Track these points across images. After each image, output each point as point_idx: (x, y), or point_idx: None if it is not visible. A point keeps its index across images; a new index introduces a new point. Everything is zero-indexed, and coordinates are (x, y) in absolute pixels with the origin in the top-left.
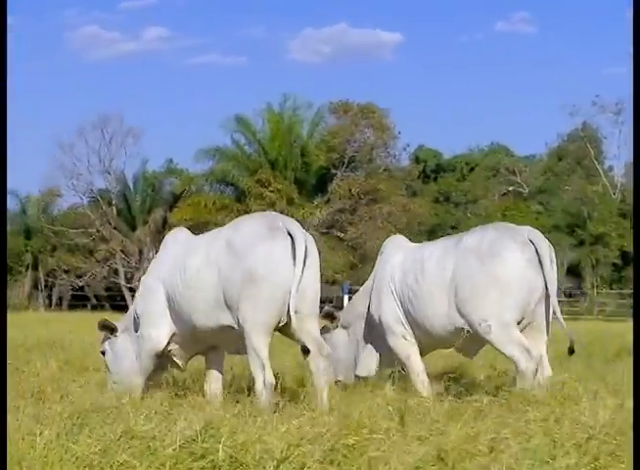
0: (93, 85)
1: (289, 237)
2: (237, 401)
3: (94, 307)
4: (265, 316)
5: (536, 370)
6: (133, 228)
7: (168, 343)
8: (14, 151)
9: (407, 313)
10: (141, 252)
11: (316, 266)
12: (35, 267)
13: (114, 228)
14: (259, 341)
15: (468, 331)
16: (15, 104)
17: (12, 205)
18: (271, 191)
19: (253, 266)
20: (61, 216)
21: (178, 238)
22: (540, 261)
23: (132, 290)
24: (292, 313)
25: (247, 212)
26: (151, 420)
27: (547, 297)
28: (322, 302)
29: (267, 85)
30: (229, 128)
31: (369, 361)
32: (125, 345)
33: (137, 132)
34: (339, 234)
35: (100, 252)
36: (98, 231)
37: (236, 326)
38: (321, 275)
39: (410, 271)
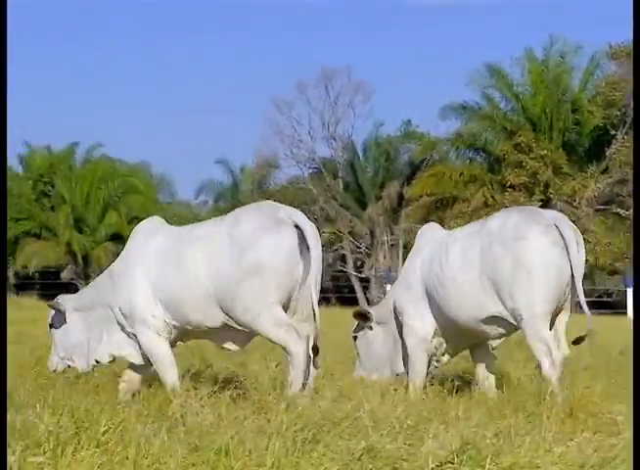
0: (315, 32)
1: (294, 228)
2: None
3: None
4: (266, 307)
5: (562, 372)
6: (363, 205)
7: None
8: (224, 113)
9: (434, 304)
10: (372, 234)
11: (321, 258)
12: None
13: (341, 205)
14: (274, 312)
15: (496, 318)
16: (227, 56)
17: (223, 177)
18: (533, 158)
19: (260, 259)
20: (278, 191)
21: (154, 227)
22: (566, 245)
23: (363, 280)
24: (315, 308)
25: (502, 185)
26: (396, 437)
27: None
28: (599, 296)
29: (527, 26)
30: (479, 82)
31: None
32: (379, 335)
33: (368, 88)
34: (619, 211)
35: (324, 234)
36: (322, 209)
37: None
38: (597, 262)
39: (435, 258)
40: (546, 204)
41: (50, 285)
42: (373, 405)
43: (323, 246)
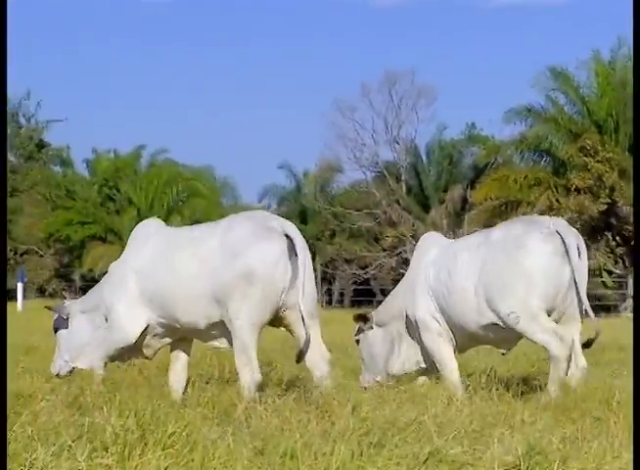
0: (379, 36)
1: (284, 237)
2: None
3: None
4: (259, 315)
5: (570, 357)
6: (426, 209)
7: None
8: (286, 116)
9: (442, 310)
10: None
11: (311, 266)
12: (312, 256)
13: (404, 209)
14: (250, 338)
15: (496, 324)
16: (291, 60)
17: (286, 182)
18: (598, 161)
19: (251, 265)
20: (341, 195)
21: (151, 229)
22: (567, 252)
23: None
24: (305, 316)
25: (567, 189)
26: (461, 442)
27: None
28: None
29: (594, 28)
30: (544, 84)
31: (404, 360)
32: (379, 337)
33: (432, 92)
34: None
35: (387, 238)
36: (385, 213)
37: (225, 321)
38: None
39: (443, 267)
40: (612, 207)
41: None
42: (437, 410)
43: (385, 250)
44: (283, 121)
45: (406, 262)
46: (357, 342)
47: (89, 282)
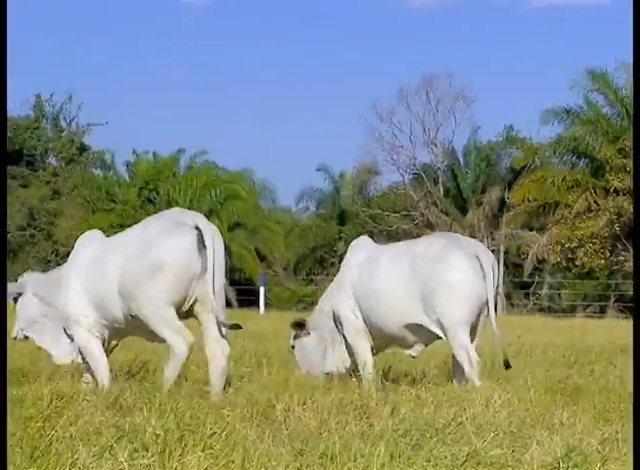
0: (417, 39)
1: (195, 230)
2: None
3: None
4: (169, 302)
5: (478, 365)
6: (464, 211)
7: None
8: (325, 119)
9: (362, 310)
10: (473, 239)
11: (222, 257)
12: None
13: (441, 211)
14: (166, 315)
15: (417, 325)
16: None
17: (323, 184)
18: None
19: (161, 257)
20: (378, 198)
21: (92, 238)
22: (482, 269)
23: None
24: (212, 299)
25: (605, 191)
26: (499, 443)
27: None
28: None
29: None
30: (582, 86)
31: (338, 360)
32: (314, 340)
33: (469, 95)
34: None
35: None
36: (422, 215)
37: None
38: None
39: (366, 271)
40: None
41: None
42: (475, 411)
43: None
44: (321, 125)
45: None
46: (293, 347)
47: None
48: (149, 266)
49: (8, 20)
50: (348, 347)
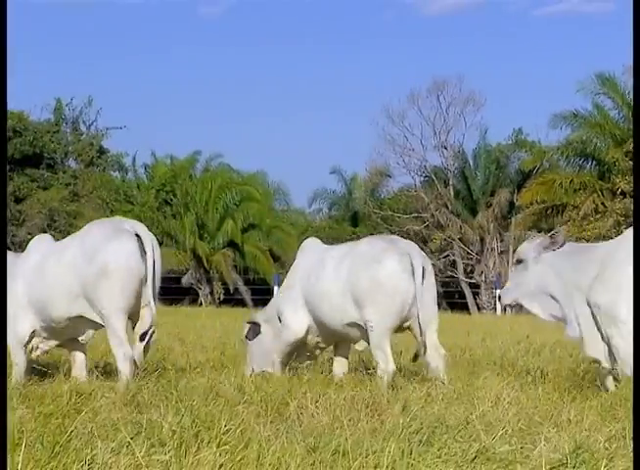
0: (428, 44)
1: (135, 237)
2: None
3: None
4: (120, 303)
5: (393, 374)
6: (474, 213)
7: (31, 337)
8: (336, 122)
9: (309, 308)
10: (483, 240)
11: (159, 264)
12: None
13: (452, 213)
14: (117, 322)
15: (357, 324)
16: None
17: (336, 186)
18: None
19: (106, 261)
20: (390, 199)
21: (41, 242)
22: (413, 271)
23: (473, 285)
24: (150, 301)
25: (612, 193)
26: (508, 440)
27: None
28: None
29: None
30: (590, 90)
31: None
32: (268, 333)
33: (479, 98)
34: None
35: (435, 241)
36: (433, 216)
37: (93, 315)
38: None
39: (313, 271)
40: None
41: (171, 290)
42: (485, 409)
43: (433, 252)
44: (333, 127)
45: (454, 265)
46: (246, 337)
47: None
48: (96, 270)
49: (28, 26)
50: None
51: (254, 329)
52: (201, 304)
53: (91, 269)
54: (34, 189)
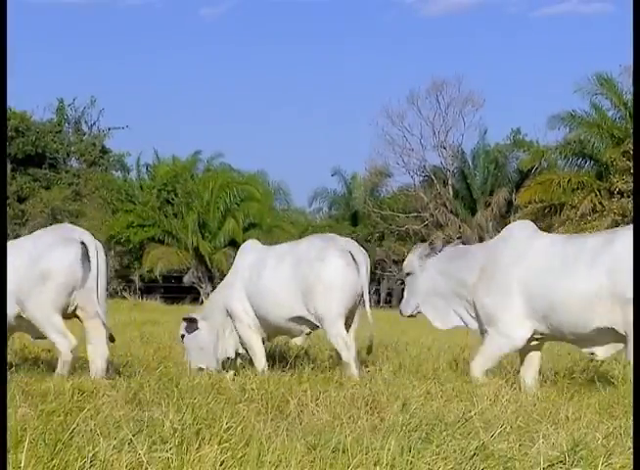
0: (427, 45)
1: (81, 245)
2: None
3: None
4: (53, 307)
5: (356, 354)
6: (473, 212)
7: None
8: (334, 124)
9: (253, 305)
10: (482, 239)
11: (104, 269)
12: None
13: (451, 212)
14: (54, 320)
15: (301, 318)
16: (339, 69)
17: (336, 186)
18: None
19: (48, 266)
20: (390, 199)
21: None
22: (357, 266)
23: None
24: (97, 306)
25: (610, 192)
26: (507, 437)
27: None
28: None
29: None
30: (588, 90)
31: (227, 347)
32: (205, 330)
33: (478, 99)
34: None
35: (435, 240)
36: (432, 215)
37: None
38: None
39: (255, 270)
40: None
41: (173, 289)
42: (483, 406)
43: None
44: (333, 128)
45: None
46: (182, 336)
47: (148, 283)
48: (39, 274)
49: (31, 27)
50: (241, 338)
51: (191, 325)
52: (202, 302)
53: (32, 273)
54: (37, 188)
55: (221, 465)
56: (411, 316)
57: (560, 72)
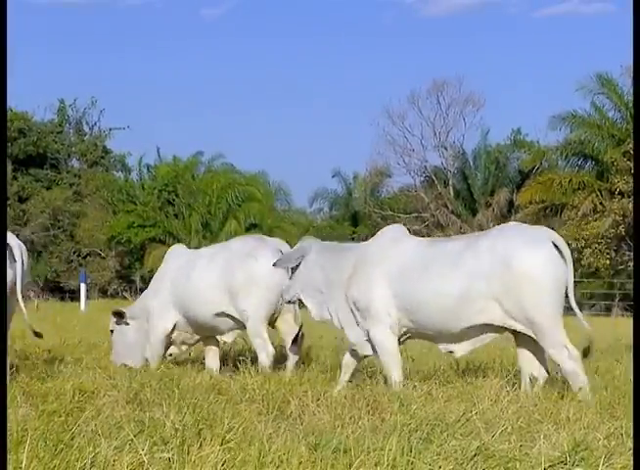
0: (428, 45)
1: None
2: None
3: None
4: None
5: (272, 356)
6: (473, 212)
7: None
8: (335, 124)
9: (179, 305)
10: None
11: (26, 269)
12: None
13: (452, 212)
14: None
15: (228, 315)
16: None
17: (337, 186)
18: None
19: None
20: (390, 199)
21: None
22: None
23: None
24: (20, 303)
25: (610, 192)
26: (508, 438)
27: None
28: None
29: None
30: (589, 90)
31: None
32: (133, 329)
33: (478, 99)
34: None
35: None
36: (433, 216)
37: None
38: None
39: (183, 272)
40: None
41: None
42: (484, 407)
43: None
44: (334, 128)
45: None
46: (112, 332)
47: (149, 283)
48: None
49: (31, 27)
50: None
51: (119, 319)
52: None
53: None
54: (38, 189)
55: (222, 466)
56: (290, 302)
57: (560, 73)
